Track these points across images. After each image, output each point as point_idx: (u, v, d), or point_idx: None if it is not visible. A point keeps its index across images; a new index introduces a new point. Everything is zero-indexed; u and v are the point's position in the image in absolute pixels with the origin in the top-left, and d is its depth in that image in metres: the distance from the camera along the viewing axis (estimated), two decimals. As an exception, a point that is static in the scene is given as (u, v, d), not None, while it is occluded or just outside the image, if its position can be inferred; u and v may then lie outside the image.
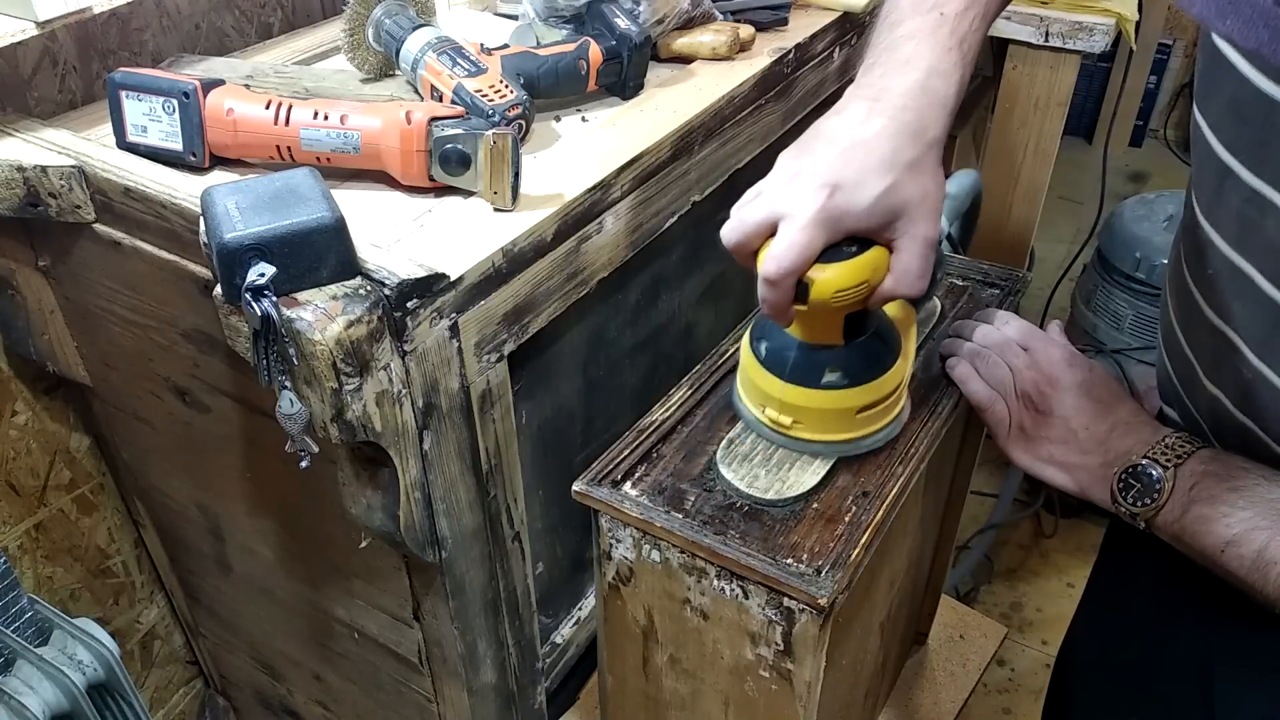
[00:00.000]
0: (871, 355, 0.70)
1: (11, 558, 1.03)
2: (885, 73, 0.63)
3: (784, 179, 0.61)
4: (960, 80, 0.63)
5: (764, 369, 0.71)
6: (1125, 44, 1.53)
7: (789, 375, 0.70)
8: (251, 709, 1.28)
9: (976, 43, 0.65)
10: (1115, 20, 1.39)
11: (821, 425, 0.71)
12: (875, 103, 0.62)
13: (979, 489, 1.88)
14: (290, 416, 0.64)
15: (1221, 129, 0.59)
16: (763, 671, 0.71)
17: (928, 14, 0.64)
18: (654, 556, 0.72)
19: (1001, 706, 1.64)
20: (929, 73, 0.62)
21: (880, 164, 0.59)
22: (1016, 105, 1.48)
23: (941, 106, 0.62)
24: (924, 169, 0.61)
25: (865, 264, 0.62)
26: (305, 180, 0.66)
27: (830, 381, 0.69)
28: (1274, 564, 0.58)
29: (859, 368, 0.70)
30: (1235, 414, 0.64)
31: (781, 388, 0.70)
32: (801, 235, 0.59)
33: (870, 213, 0.60)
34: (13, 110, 0.87)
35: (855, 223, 0.60)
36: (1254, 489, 0.61)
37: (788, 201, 0.60)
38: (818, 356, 0.69)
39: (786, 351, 0.70)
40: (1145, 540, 0.68)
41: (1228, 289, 0.62)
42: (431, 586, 0.82)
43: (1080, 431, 0.72)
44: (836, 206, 0.59)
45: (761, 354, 0.71)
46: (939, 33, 0.63)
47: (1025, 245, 1.60)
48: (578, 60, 0.89)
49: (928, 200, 0.61)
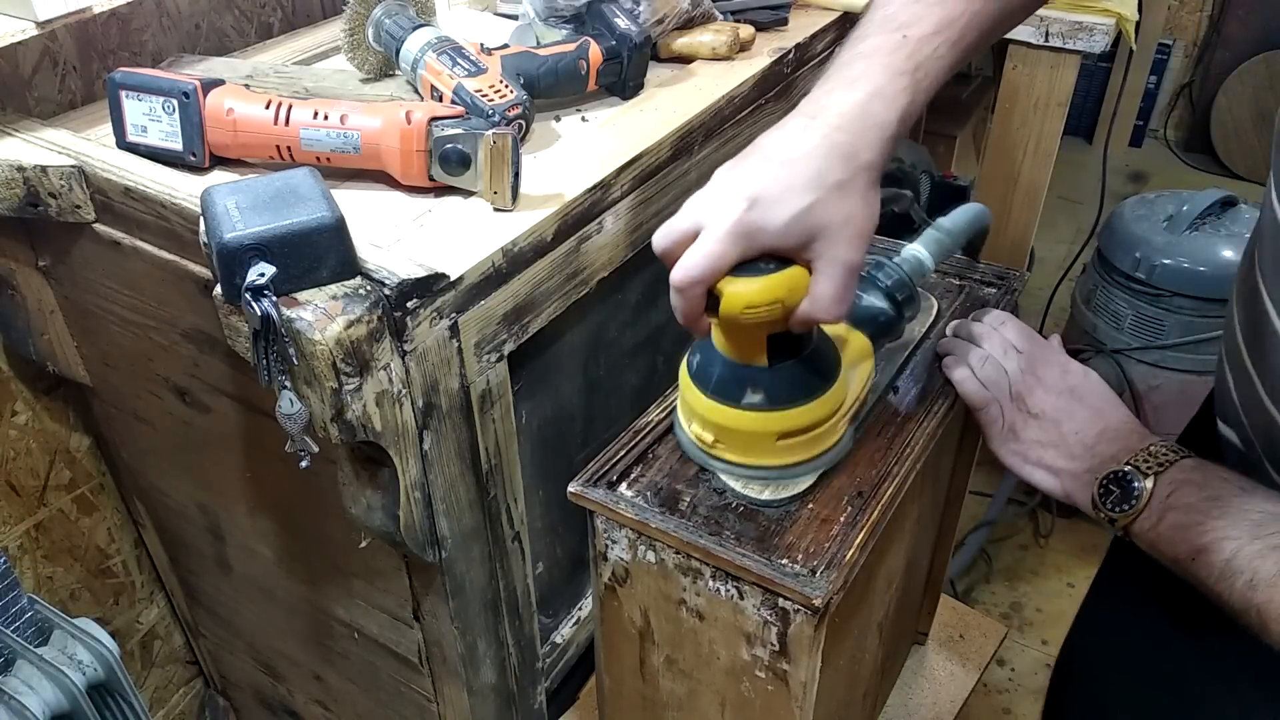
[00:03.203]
0: (797, 380, 0.67)
1: (11, 558, 1.04)
2: (831, 89, 0.62)
3: (713, 190, 0.61)
4: (906, 106, 0.62)
5: (692, 383, 0.69)
6: (1125, 44, 1.53)
7: (712, 391, 0.68)
8: (251, 709, 1.29)
9: (937, 71, 0.63)
10: (1115, 20, 1.39)
11: (742, 447, 0.69)
12: (811, 120, 0.61)
13: (978, 489, 1.88)
14: (290, 416, 0.64)
15: None
16: (758, 672, 0.71)
17: (891, 34, 0.63)
18: (649, 557, 0.72)
19: (1001, 706, 1.64)
20: (872, 95, 0.61)
21: (804, 183, 0.58)
22: (1016, 105, 1.48)
23: (879, 130, 0.60)
24: (851, 192, 0.59)
25: (779, 282, 0.60)
26: (305, 180, 0.67)
27: (752, 401, 0.67)
28: (1240, 574, 0.58)
29: (781, 391, 0.67)
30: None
31: (705, 403, 0.68)
32: (715, 246, 0.58)
33: (787, 231, 0.58)
34: (13, 110, 0.87)
35: (770, 240, 0.59)
36: (1230, 499, 0.61)
37: (708, 211, 0.59)
38: (741, 374, 0.67)
39: (712, 367, 0.68)
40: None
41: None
42: (431, 586, 0.82)
43: (1070, 436, 0.72)
44: (752, 221, 0.58)
45: (693, 367, 0.70)
46: (895, 55, 0.62)
47: (1025, 245, 1.60)
48: (578, 60, 0.90)
49: (851, 224, 0.59)
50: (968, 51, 0.66)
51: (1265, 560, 0.57)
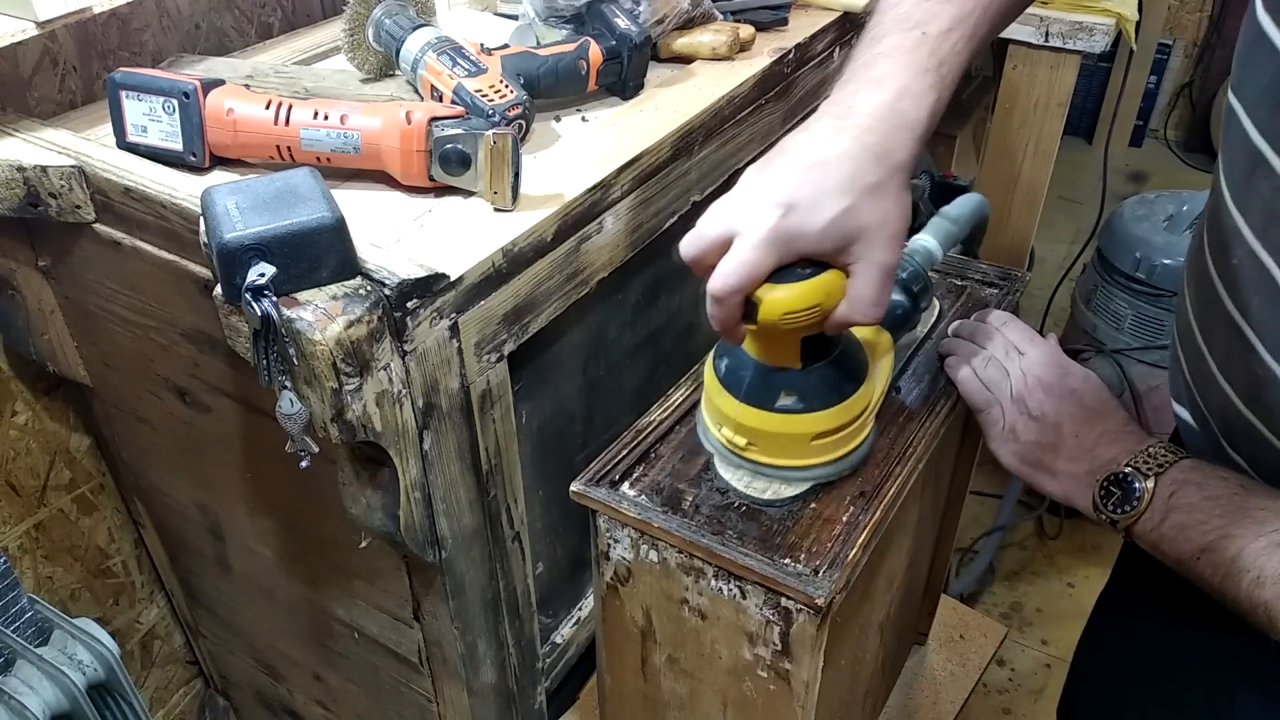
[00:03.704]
0: (830, 381, 0.68)
1: (11, 558, 1.03)
2: (857, 90, 0.62)
3: (743, 195, 0.60)
4: (934, 103, 0.61)
5: (722, 388, 0.69)
6: (1125, 44, 1.53)
7: (744, 396, 0.67)
8: (251, 709, 1.28)
9: (957, 66, 0.63)
10: (1115, 20, 1.39)
11: (776, 449, 0.69)
12: (841, 122, 0.60)
13: (980, 490, 1.88)
14: (290, 416, 0.64)
15: (1257, 113, 0.58)
16: (761, 671, 0.71)
17: (909, 32, 0.63)
18: (652, 557, 0.72)
19: (1001, 706, 1.64)
20: (900, 94, 0.60)
21: (839, 186, 0.58)
22: (1016, 105, 1.48)
23: (910, 130, 0.60)
24: (886, 193, 0.59)
25: (818, 287, 0.59)
26: (305, 180, 0.66)
27: (785, 405, 0.67)
28: (1245, 572, 0.58)
29: (816, 393, 0.67)
30: (1244, 413, 0.64)
31: (738, 408, 0.68)
32: (751, 254, 0.58)
33: (824, 236, 0.58)
34: (13, 110, 0.87)
35: (808, 245, 0.58)
36: (1231, 498, 0.61)
37: (742, 218, 0.59)
38: (774, 378, 0.67)
39: (743, 371, 0.68)
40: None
41: (1249, 281, 0.60)
42: (431, 586, 0.82)
43: (1069, 438, 0.72)
44: (789, 227, 0.57)
45: (721, 372, 0.69)
46: (917, 53, 0.62)
47: (1025, 245, 1.60)
48: (578, 60, 0.89)
49: (887, 225, 0.59)
50: (981, 45, 0.66)
51: (1271, 558, 0.57)
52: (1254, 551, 0.58)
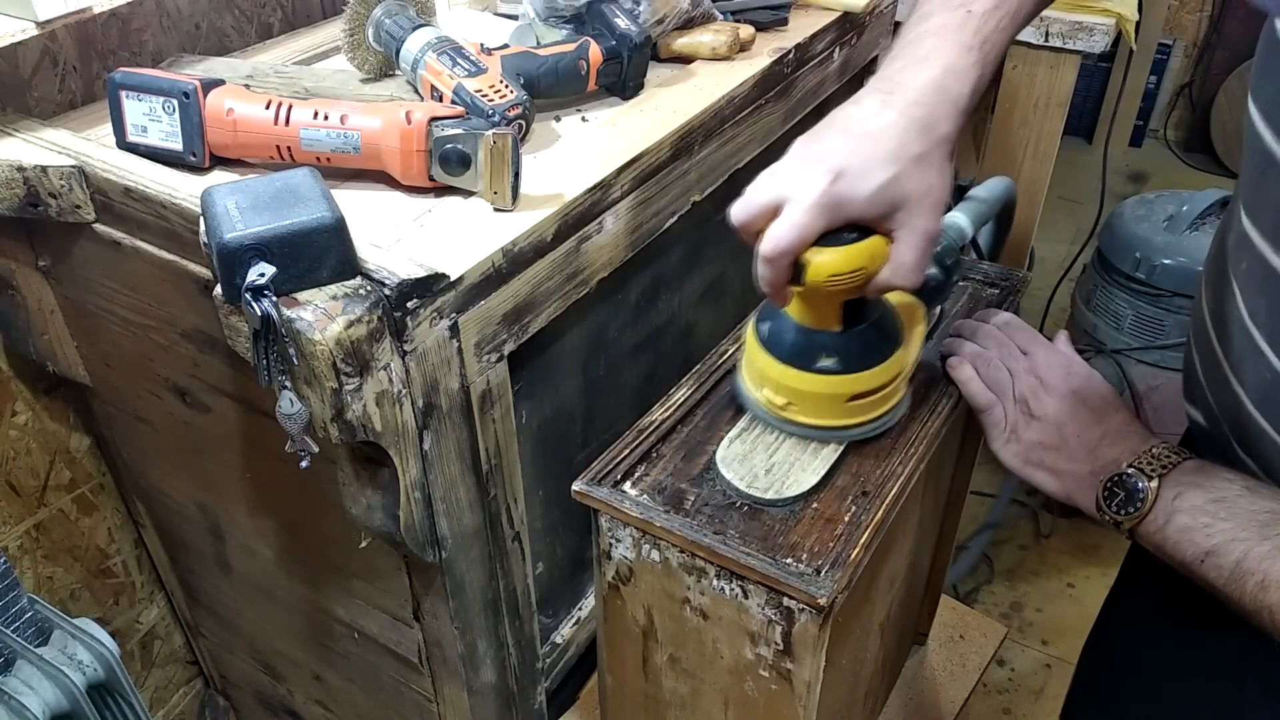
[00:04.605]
0: (869, 344, 0.71)
1: (11, 558, 1.03)
2: (904, 67, 0.65)
3: (793, 163, 0.63)
4: (977, 80, 0.64)
5: (764, 349, 0.72)
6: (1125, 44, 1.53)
7: (786, 357, 0.71)
8: (251, 709, 1.28)
9: (1000, 43, 0.66)
10: (1115, 20, 1.39)
11: (814, 409, 0.72)
12: (889, 96, 0.63)
13: (979, 489, 1.88)
14: (290, 416, 0.64)
15: (1272, 116, 0.59)
16: (762, 671, 0.71)
17: (955, 10, 0.65)
18: (654, 556, 0.72)
19: (1001, 706, 1.64)
20: (945, 70, 0.63)
21: (886, 156, 0.61)
22: (1016, 105, 1.48)
23: (954, 104, 0.63)
24: (930, 164, 0.62)
25: (862, 251, 0.63)
26: (305, 180, 0.66)
27: (825, 366, 0.70)
28: (1250, 575, 0.58)
29: (855, 355, 0.70)
30: (1255, 416, 0.64)
31: (779, 369, 0.71)
32: (802, 217, 0.61)
33: (871, 202, 0.61)
34: (13, 110, 0.87)
35: (856, 210, 0.61)
36: (1236, 500, 0.61)
37: (793, 184, 0.62)
38: (815, 340, 0.70)
39: (785, 334, 0.71)
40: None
41: (1259, 286, 0.61)
42: (431, 586, 0.82)
43: (1071, 438, 0.72)
44: (839, 193, 0.60)
45: (764, 335, 0.73)
46: (962, 31, 0.64)
47: (1025, 245, 1.60)
48: (578, 60, 0.89)
49: (930, 195, 0.62)
50: (1023, 24, 0.68)
51: (1276, 561, 0.57)
52: (1259, 555, 0.58)
